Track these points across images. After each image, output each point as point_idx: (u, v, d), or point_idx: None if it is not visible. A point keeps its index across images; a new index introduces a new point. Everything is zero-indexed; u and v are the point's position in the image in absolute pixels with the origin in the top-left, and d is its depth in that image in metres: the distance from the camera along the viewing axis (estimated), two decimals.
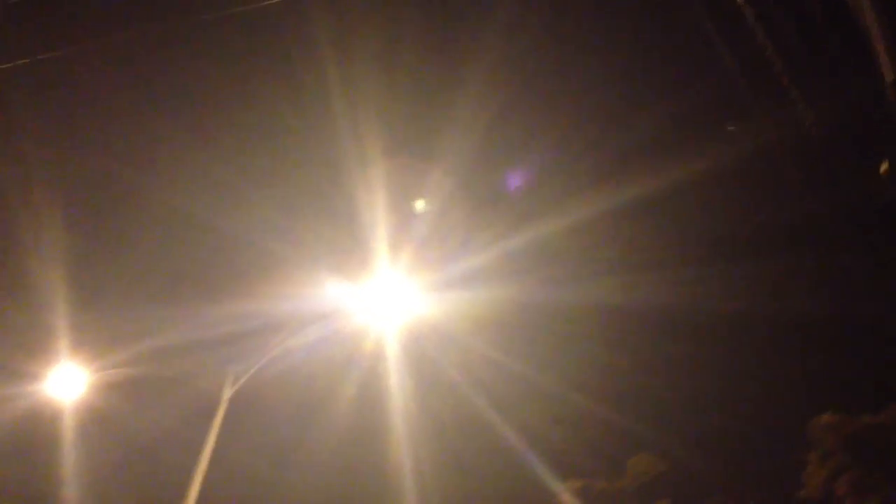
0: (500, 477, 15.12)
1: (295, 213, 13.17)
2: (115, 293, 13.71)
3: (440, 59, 12.93)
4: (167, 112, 13.02)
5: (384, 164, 12.58)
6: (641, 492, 13.37)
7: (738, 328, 14.25)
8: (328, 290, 11.80)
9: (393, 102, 12.78)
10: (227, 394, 9.98)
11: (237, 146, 13.15)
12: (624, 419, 13.43)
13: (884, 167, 6.32)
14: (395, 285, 11.35)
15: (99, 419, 13.56)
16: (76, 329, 12.83)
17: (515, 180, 13.31)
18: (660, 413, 13.83)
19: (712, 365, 14.18)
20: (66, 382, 11.24)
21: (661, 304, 13.41)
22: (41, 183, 12.95)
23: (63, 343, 12.37)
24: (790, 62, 6.33)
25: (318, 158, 13.09)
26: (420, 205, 12.95)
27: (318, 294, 11.84)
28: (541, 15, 13.30)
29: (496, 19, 12.78)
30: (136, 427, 14.94)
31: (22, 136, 12.64)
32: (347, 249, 12.39)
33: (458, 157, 12.62)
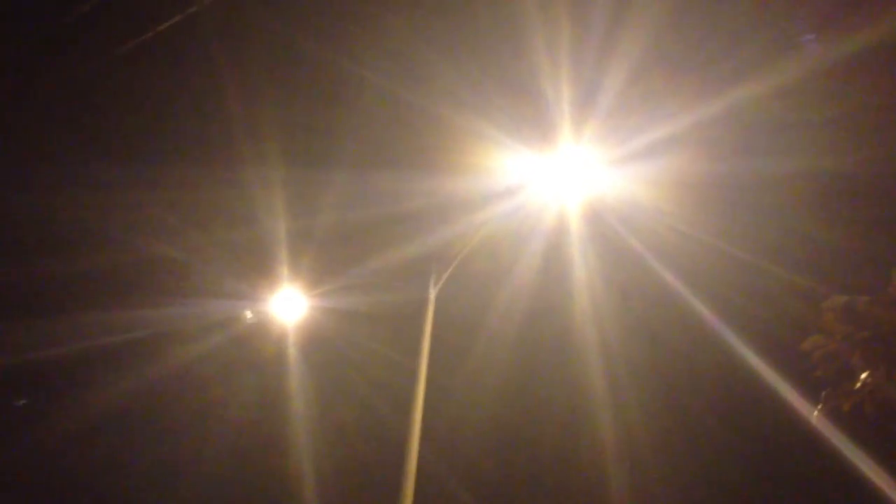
0: (691, 344, 15.41)
1: (479, 85, 13.52)
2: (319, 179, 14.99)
3: None
4: None
5: (570, 34, 12.49)
6: None
7: None
8: (512, 165, 12.24)
9: None
10: (433, 292, 10.92)
11: (425, 19, 13.52)
12: (824, 289, 12.98)
13: None
14: (579, 158, 11.58)
15: (318, 340, 15.45)
16: (295, 256, 14.51)
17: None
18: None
19: None
20: (288, 306, 13.23)
21: (874, 170, 12.51)
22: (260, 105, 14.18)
23: (284, 269, 14.15)
24: None
25: (503, 30, 13.20)
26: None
27: (501, 168, 12.34)
28: None
29: None
30: (351, 346, 16.75)
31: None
32: (531, 123, 12.65)
33: (646, 23, 12.22)
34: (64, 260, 15.92)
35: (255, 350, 16.23)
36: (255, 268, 15.04)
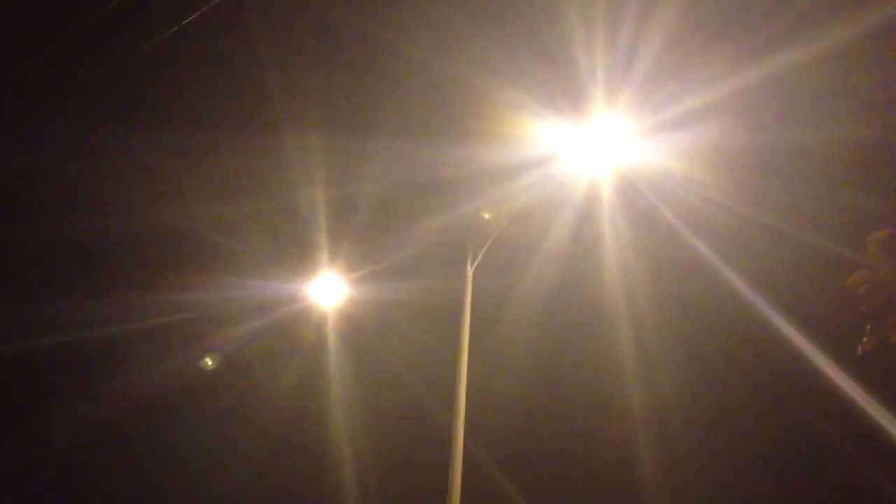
0: (725, 316, 15.30)
1: (511, 54, 13.46)
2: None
3: None
4: None
5: (602, 1, 12.37)
6: None
7: None
8: (545, 134, 12.20)
9: None
10: (471, 269, 10.89)
11: None
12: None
13: None
14: (612, 127, 11.53)
15: (356, 325, 15.55)
16: (334, 241, 14.56)
17: None
18: None
19: None
20: (327, 291, 13.33)
21: None
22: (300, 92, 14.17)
23: (323, 255, 14.23)
24: None
25: (535, 1, 13.10)
26: None
27: (532, 138, 12.32)
28: None
29: None
30: (389, 329, 16.87)
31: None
32: (564, 92, 12.57)
33: None
34: (105, 237, 16.12)
35: (295, 335, 16.41)
36: (295, 251, 15.18)
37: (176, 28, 11.51)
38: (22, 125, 14.31)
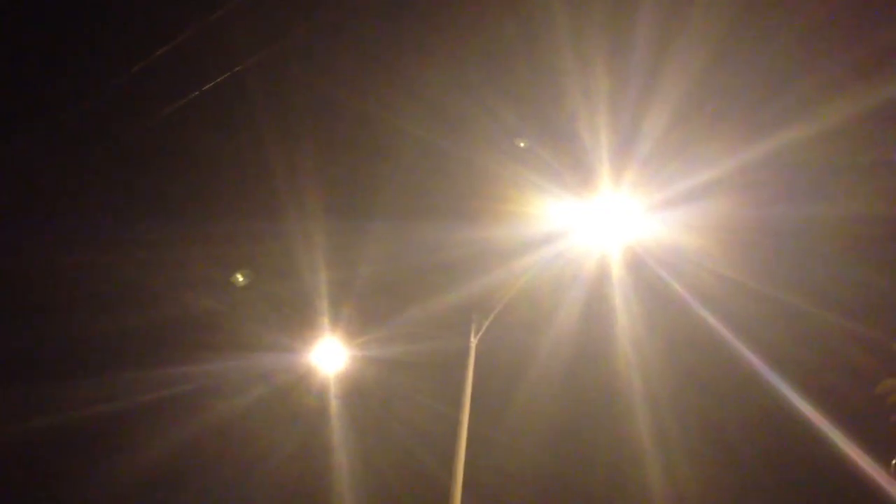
0: (740, 392, 15.33)
1: (516, 132, 13.85)
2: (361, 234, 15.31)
3: None
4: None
5: (606, 81, 12.80)
6: None
7: None
8: (551, 212, 12.50)
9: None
10: (475, 340, 11.19)
11: (462, 69, 13.93)
12: (875, 335, 12.98)
13: None
14: (619, 204, 11.83)
15: (359, 390, 15.73)
16: (336, 307, 14.85)
17: None
18: None
19: None
20: (329, 357, 13.49)
21: None
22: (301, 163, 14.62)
23: (325, 320, 14.48)
24: None
25: (541, 78, 13.54)
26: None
27: (539, 216, 12.61)
28: None
29: None
30: (393, 396, 17.07)
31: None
32: (570, 170, 12.90)
33: (686, 67, 12.48)
34: (108, 318, 16.44)
35: (297, 402, 16.53)
36: (296, 319, 15.42)
37: (176, 109, 11.93)
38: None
